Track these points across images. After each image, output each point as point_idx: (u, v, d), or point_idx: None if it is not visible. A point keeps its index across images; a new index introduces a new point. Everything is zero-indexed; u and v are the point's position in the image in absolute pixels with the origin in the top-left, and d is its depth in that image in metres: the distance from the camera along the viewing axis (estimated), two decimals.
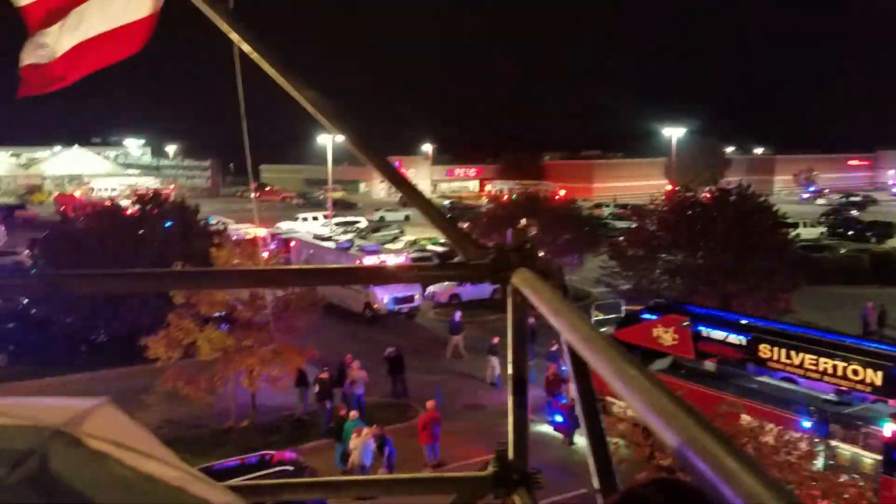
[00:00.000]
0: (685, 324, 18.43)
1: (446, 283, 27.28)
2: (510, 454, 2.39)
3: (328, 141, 60.46)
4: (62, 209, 58.92)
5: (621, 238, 31.88)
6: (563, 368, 19.00)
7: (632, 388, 1.25)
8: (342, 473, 16.77)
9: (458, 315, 26.68)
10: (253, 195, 60.06)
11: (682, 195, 31.50)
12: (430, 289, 32.41)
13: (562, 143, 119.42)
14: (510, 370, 2.38)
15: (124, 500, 0.84)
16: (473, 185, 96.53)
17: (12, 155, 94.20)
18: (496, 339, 22.11)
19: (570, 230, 35.36)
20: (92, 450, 0.89)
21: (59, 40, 3.22)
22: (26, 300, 25.73)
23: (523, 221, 35.06)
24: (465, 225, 32.54)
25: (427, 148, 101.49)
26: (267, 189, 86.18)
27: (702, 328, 18.29)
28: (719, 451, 1.01)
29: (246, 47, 2.64)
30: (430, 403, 18.13)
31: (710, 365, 18.92)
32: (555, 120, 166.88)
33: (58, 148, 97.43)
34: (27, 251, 37.06)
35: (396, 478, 3.89)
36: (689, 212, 29.34)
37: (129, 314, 23.18)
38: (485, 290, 29.89)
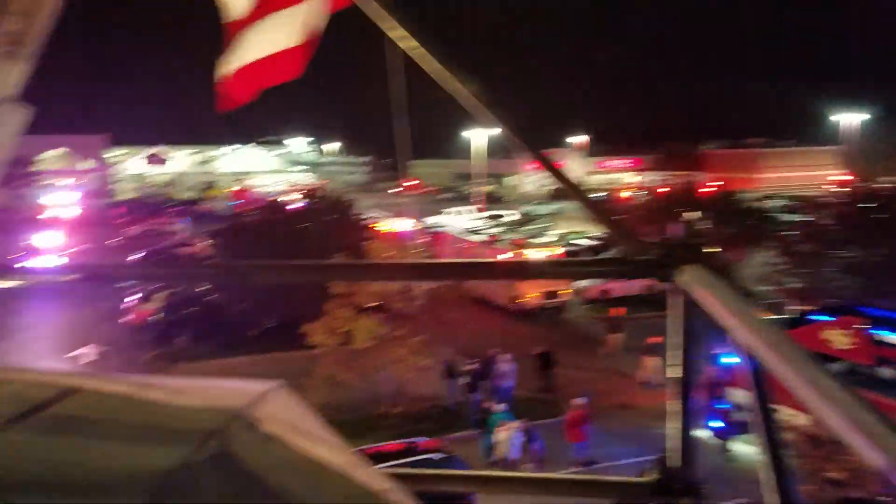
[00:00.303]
0: (863, 326, 16.96)
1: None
2: (672, 461, 2.26)
3: (482, 135, 61.05)
4: (237, 203, 63.81)
5: (793, 233, 29.76)
6: (724, 372, 18.03)
7: (828, 402, 1.14)
8: (488, 465, 16.94)
9: (619, 312, 26.18)
10: (401, 190, 61.94)
11: (862, 186, 28.99)
12: (580, 283, 31.80)
13: (726, 132, 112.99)
14: (675, 373, 2.25)
15: (294, 483, 0.88)
16: (628, 176, 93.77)
17: (192, 153, 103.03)
18: (654, 339, 21.28)
19: (732, 224, 33.48)
20: (266, 433, 0.93)
21: (240, 57, 3.34)
22: (206, 287, 28.06)
23: (697, 214, 33.51)
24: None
25: (576, 139, 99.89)
26: (413, 183, 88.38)
27: (882, 332, 16.78)
28: None
29: (406, 44, 2.65)
30: (578, 401, 17.86)
31: (890, 372, 17.28)
32: (718, 107, 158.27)
33: (233, 146, 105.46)
34: (206, 242, 40.43)
35: (552, 477, 3.82)
36: (870, 204, 26.92)
37: (293, 302, 24.66)
38: (637, 285, 28.92)
